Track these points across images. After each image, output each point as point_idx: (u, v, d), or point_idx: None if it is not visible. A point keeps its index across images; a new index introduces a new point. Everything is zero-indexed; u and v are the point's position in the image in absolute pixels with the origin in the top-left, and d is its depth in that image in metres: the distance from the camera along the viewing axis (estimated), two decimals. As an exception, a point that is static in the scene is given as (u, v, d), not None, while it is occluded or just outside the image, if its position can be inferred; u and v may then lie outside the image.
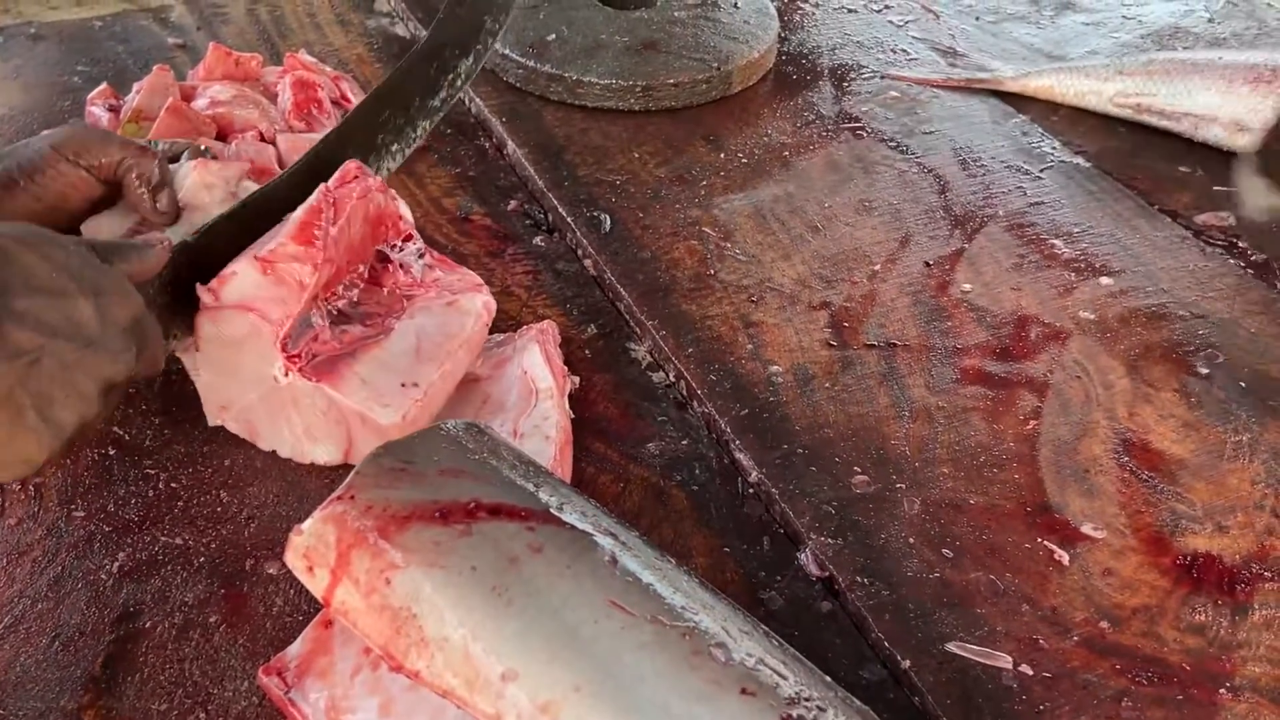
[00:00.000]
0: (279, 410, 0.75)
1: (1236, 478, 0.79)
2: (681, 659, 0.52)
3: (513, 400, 0.78)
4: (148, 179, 0.76)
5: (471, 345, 0.79)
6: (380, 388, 0.73)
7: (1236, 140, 1.11)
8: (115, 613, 0.67)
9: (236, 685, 0.64)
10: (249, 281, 0.73)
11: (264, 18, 1.30)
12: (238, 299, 0.73)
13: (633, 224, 0.99)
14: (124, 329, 0.63)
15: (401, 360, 0.75)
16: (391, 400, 0.73)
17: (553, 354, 0.82)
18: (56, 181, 0.74)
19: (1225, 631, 0.69)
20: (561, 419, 0.77)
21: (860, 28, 1.34)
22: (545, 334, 0.83)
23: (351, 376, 0.73)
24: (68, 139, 0.75)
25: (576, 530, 0.58)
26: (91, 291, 0.61)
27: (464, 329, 0.78)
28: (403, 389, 0.73)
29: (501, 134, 1.10)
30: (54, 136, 0.75)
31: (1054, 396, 0.84)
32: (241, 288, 0.73)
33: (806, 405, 0.83)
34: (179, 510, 0.73)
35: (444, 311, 0.79)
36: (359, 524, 0.57)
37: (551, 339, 0.83)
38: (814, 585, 0.72)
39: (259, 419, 0.76)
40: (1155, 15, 1.42)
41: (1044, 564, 0.72)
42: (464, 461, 0.61)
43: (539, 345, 0.81)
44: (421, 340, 0.76)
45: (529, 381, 0.79)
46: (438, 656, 0.54)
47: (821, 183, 1.06)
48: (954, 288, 0.94)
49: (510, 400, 0.78)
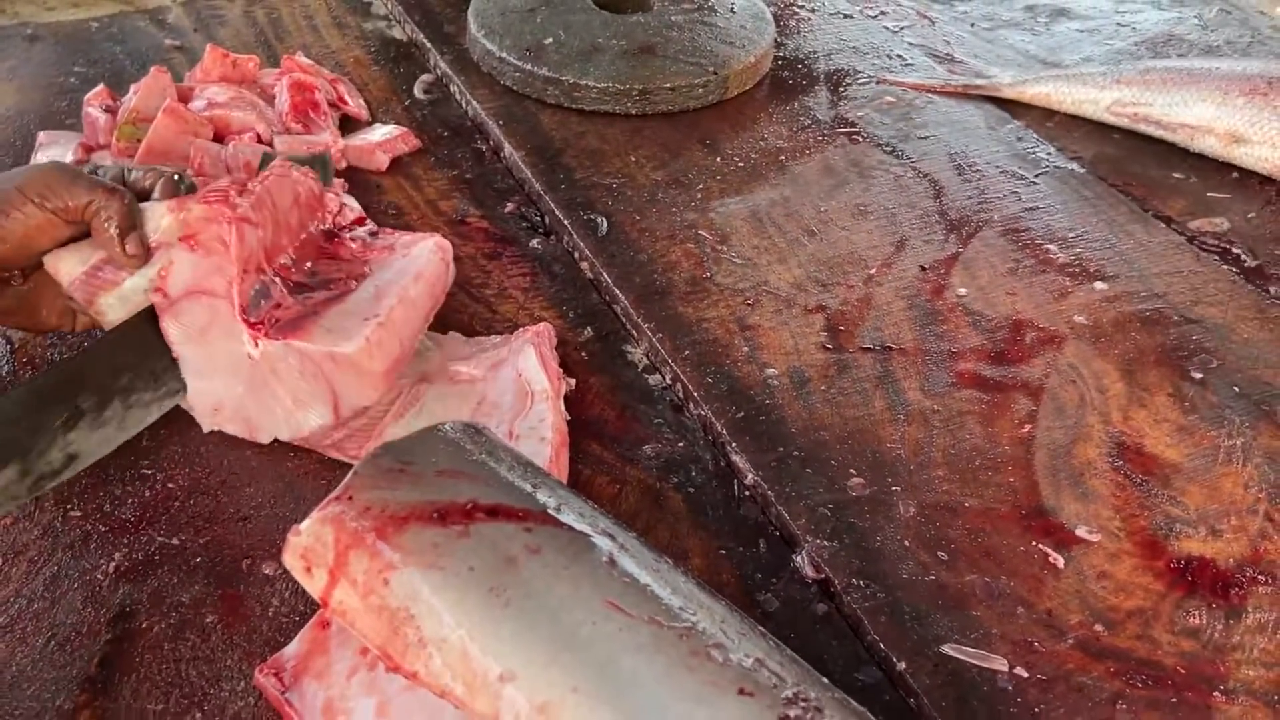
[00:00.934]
0: (263, 388, 0.75)
1: (1230, 482, 0.79)
2: (679, 660, 0.52)
3: (508, 402, 0.78)
4: (116, 223, 0.74)
5: (429, 278, 0.81)
6: (345, 329, 0.75)
7: (1232, 152, 1.11)
8: (111, 613, 0.67)
9: (233, 685, 0.64)
10: (186, 266, 0.74)
11: (261, 20, 1.30)
12: (184, 288, 0.74)
13: (629, 227, 1.00)
14: None
15: (363, 305, 0.77)
16: (354, 335, 0.74)
17: (548, 356, 0.82)
18: (21, 224, 0.72)
19: (1219, 635, 0.69)
20: (557, 421, 0.77)
21: (856, 33, 1.34)
22: (541, 336, 0.83)
23: (316, 328, 0.75)
24: (32, 180, 0.73)
25: (574, 531, 0.58)
26: None
27: (417, 263, 0.81)
28: (364, 322, 0.75)
29: (498, 137, 1.11)
30: (19, 177, 0.73)
31: (1049, 400, 0.85)
32: (182, 275, 0.74)
33: (802, 408, 0.83)
34: (175, 510, 0.73)
35: (400, 261, 0.82)
36: (357, 524, 0.57)
37: (547, 341, 0.83)
38: (810, 587, 0.72)
39: (250, 410, 0.76)
40: (1149, 23, 1.42)
41: (1039, 567, 0.73)
42: (462, 463, 0.61)
43: (534, 348, 0.81)
44: (379, 286, 0.79)
45: (524, 384, 0.79)
46: (435, 657, 0.54)
47: (817, 187, 1.07)
48: (949, 292, 0.94)
49: (506, 402, 0.78)
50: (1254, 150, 1.10)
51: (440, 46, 1.24)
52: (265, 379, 0.75)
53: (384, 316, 0.76)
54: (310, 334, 0.74)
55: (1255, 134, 1.09)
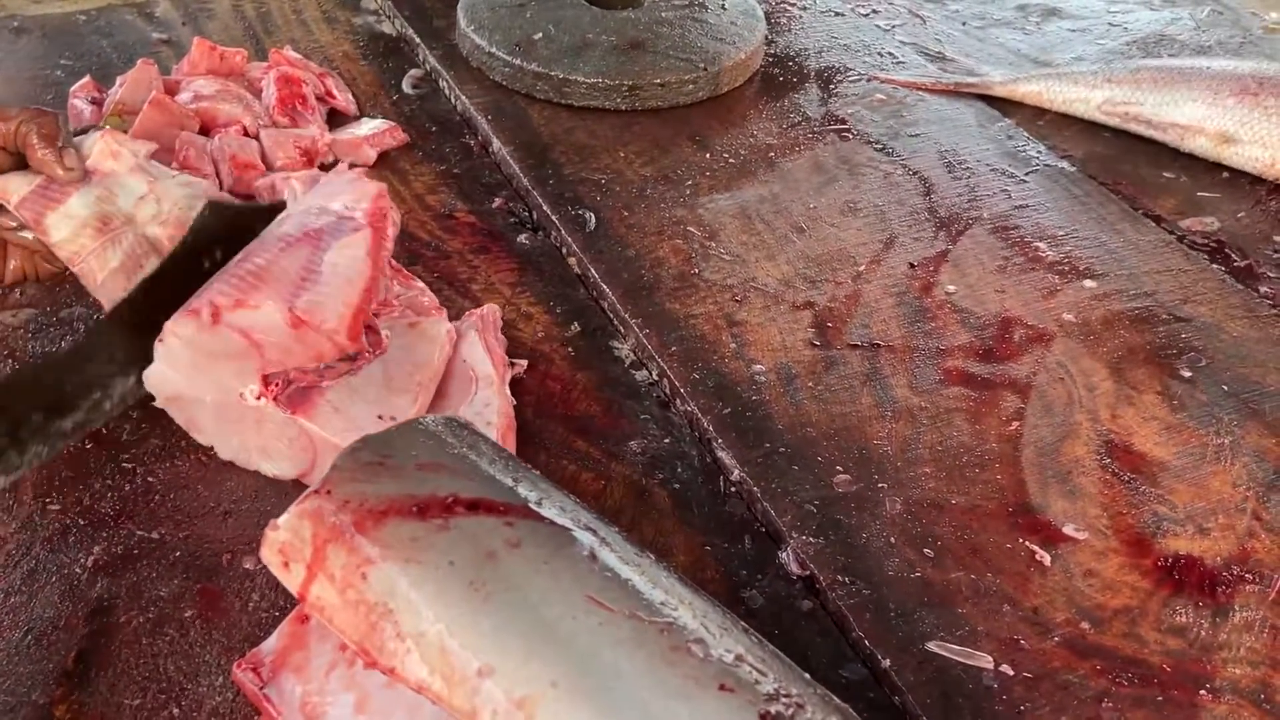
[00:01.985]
0: (239, 423, 0.74)
1: (1218, 480, 0.79)
2: (659, 655, 0.51)
3: (453, 388, 0.78)
4: (49, 137, 0.75)
5: (438, 375, 0.78)
6: (354, 417, 0.72)
7: (1222, 151, 1.11)
8: (89, 607, 0.66)
9: (211, 681, 0.63)
10: (266, 322, 0.71)
11: (250, 14, 1.29)
12: (243, 327, 0.71)
13: (618, 223, 0.99)
14: None
15: (370, 387, 0.74)
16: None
17: (493, 342, 0.82)
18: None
19: (1206, 633, 0.69)
20: (503, 405, 0.77)
21: (847, 31, 1.34)
22: (485, 320, 0.83)
23: (323, 405, 0.72)
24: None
25: (555, 525, 0.57)
26: None
27: (431, 360, 0.77)
28: (380, 423, 0.72)
29: (487, 132, 1.10)
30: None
31: (1037, 398, 0.84)
32: (252, 322, 0.71)
33: (789, 404, 0.82)
34: (155, 504, 0.72)
35: (406, 334, 0.78)
36: (335, 519, 0.56)
37: (492, 325, 0.83)
38: (795, 584, 0.72)
39: (207, 421, 0.75)
40: (1141, 22, 1.42)
41: (1025, 564, 0.72)
42: (442, 456, 0.60)
43: (478, 333, 0.81)
44: (389, 366, 0.76)
45: (468, 370, 0.79)
46: (414, 652, 0.53)
47: (807, 184, 1.06)
48: (938, 289, 0.94)
49: (450, 388, 0.78)
50: (1244, 150, 1.09)
51: (429, 41, 1.23)
52: (244, 419, 0.73)
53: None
54: (318, 411, 0.72)
55: (1245, 134, 1.09)
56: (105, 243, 0.78)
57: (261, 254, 0.75)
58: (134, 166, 0.82)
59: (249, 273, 0.73)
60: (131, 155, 0.82)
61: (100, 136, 0.81)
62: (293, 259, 0.75)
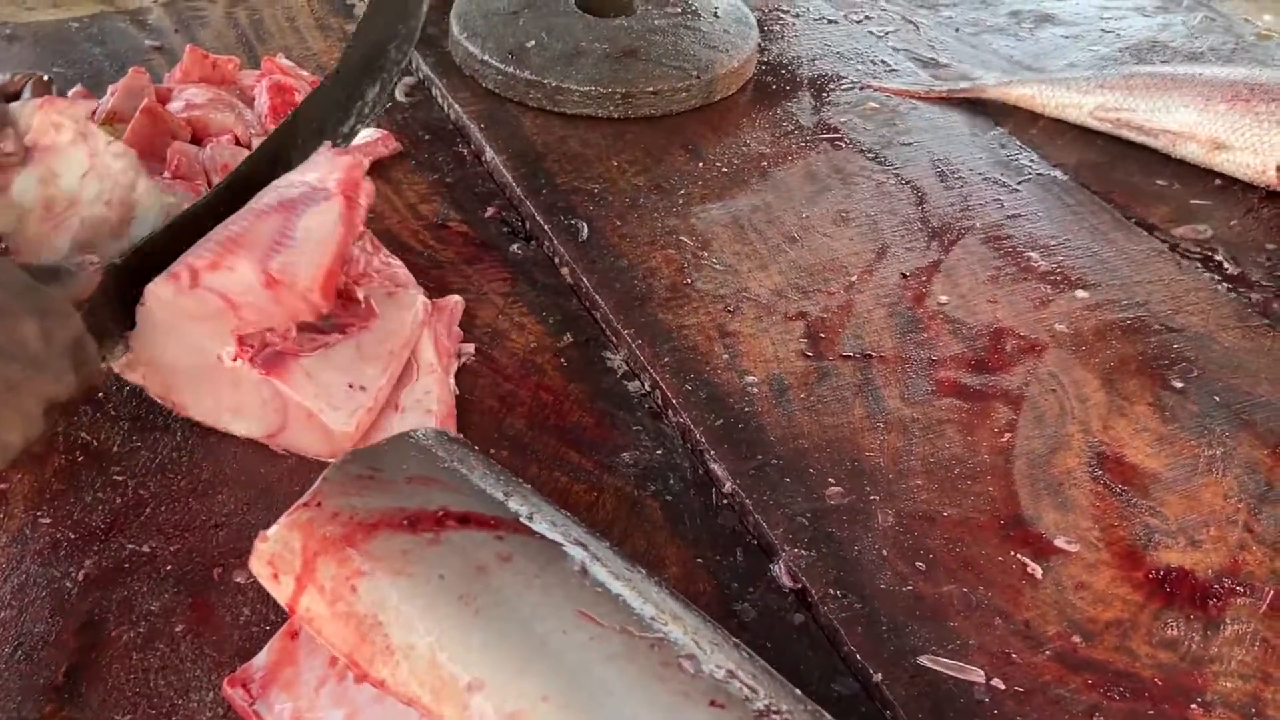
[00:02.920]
0: (209, 381, 0.76)
1: (1210, 492, 0.79)
2: (650, 670, 0.52)
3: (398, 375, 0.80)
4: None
5: (409, 345, 0.80)
6: (327, 385, 0.75)
7: (1214, 158, 1.11)
8: (79, 621, 0.66)
9: (201, 696, 0.63)
10: (241, 282, 0.74)
11: (243, 21, 1.29)
12: (219, 289, 0.74)
13: (610, 232, 0.99)
14: (65, 350, 0.62)
15: (343, 355, 0.77)
16: (341, 403, 0.75)
17: (441, 331, 0.83)
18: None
19: (1197, 646, 0.69)
20: (443, 394, 0.79)
21: (840, 38, 1.34)
22: (441, 309, 0.85)
23: (297, 369, 0.75)
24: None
25: (546, 540, 0.57)
26: (35, 312, 0.60)
27: (404, 329, 0.80)
28: (349, 390, 0.75)
29: (480, 140, 1.10)
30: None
31: (1029, 409, 0.84)
32: (228, 283, 0.74)
33: (782, 416, 0.82)
34: (146, 518, 0.72)
35: (383, 304, 0.81)
36: (325, 531, 0.56)
37: (447, 316, 0.85)
38: (787, 597, 0.72)
39: (179, 380, 0.76)
40: (1134, 29, 1.42)
41: (1017, 577, 0.72)
42: (433, 469, 0.60)
43: (425, 322, 0.83)
44: (362, 334, 0.79)
45: (412, 357, 0.81)
46: (403, 665, 0.53)
47: (799, 193, 1.06)
48: (930, 299, 0.94)
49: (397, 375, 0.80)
50: (1236, 156, 1.10)
51: (422, 49, 1.23)
52: (220, 379, 0.75)
53: (372, 398, 0.76)
54: (293, 376, 0.74)
55: (1237, 140, 1.09)
56: (51, 229, 0.78)
57: (238, 222, 0.77)
58: (74, 136, 0.81)
59: (226, 238, 0.76)
60: (72, 123, 0.81)
61: (38, 107, 0.79)
62: (268, 224, 0.77)
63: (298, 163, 0.84)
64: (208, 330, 0.75)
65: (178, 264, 0.74)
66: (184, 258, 0.74)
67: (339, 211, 0.79)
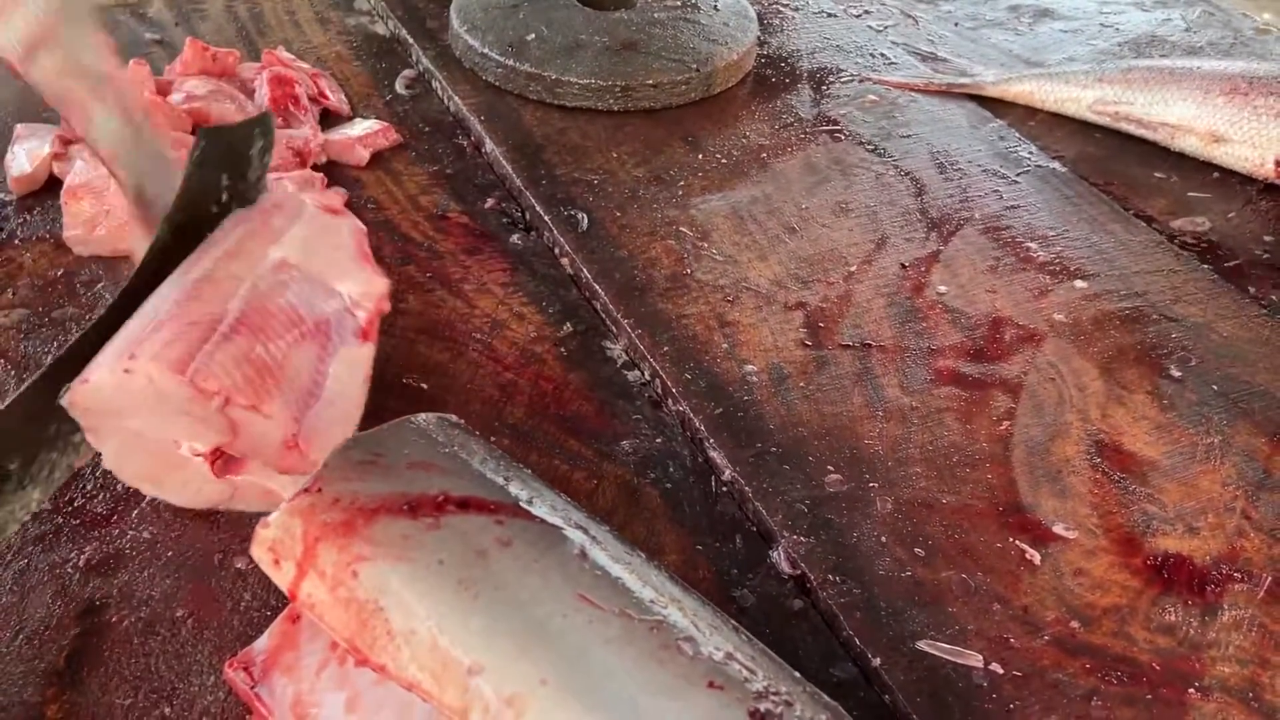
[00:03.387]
0: (151, 454, 0.69)
1: (1208, 479, 0.79)
2: (649, 652, 0.52)
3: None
4: None
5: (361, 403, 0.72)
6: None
7: (1212, 151, 1.12)
8: (80, 607, 0.66)
9: (202, 680, 0.63)
10: (264, 434, 0.65)
11: (243, 15, 1.29)
12: (239, 420, 0.65)
13: (610, 223, 0.99)
14: None
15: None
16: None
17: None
18: None
19: (1195, 632, 0.69)
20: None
21: (840, 32, 1.34)
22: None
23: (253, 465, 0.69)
24: None
25: (546, 524, 0.57)
26: None
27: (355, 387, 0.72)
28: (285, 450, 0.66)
29: (480, 132, 1.10)
30: None
31: (1027, 398, 0.85)
32: (249, 425, 0.65)
33: (781, 404, 0.82)
34: (147, 504, 0.72)
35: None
36: (326, 516, 0.56)
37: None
38: (786, 583, 0.72)
39: (115, 440, 0.68)
40: (1133, 23, 1.42)
41: (1015, 563, 0.72)
42: (433, 455, 0.61)
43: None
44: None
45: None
46: (404, 649, 0.53)
47: (799, 184, 1.06)
48: (929, 289, 0.94)
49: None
50: (1234, 149, 1.10)
51: (422, 42, 1.23)
52: (169, 459, 0.69)
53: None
54: (246, 470, 0.69)
55: (1235, 133, 1.09)
56: None
57: (276, 334, 0.68)
58: None
59: (263, 365, 0.66)
60: None
61: None
62: (304, 358, 0.68)
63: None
64: (184, 426, 0.66)
65: (205, 364, 0.63)
66: (211, 350, 0.64)
67: (366, 370, 0.71)
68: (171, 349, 0.64)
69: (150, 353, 0.63)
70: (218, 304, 0.67)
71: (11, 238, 0.93)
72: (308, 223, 0.75)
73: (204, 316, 0.66)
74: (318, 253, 0.73)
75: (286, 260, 0.72)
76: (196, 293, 0.68)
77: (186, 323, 0.66)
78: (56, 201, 0.93)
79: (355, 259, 0.75)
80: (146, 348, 0.64)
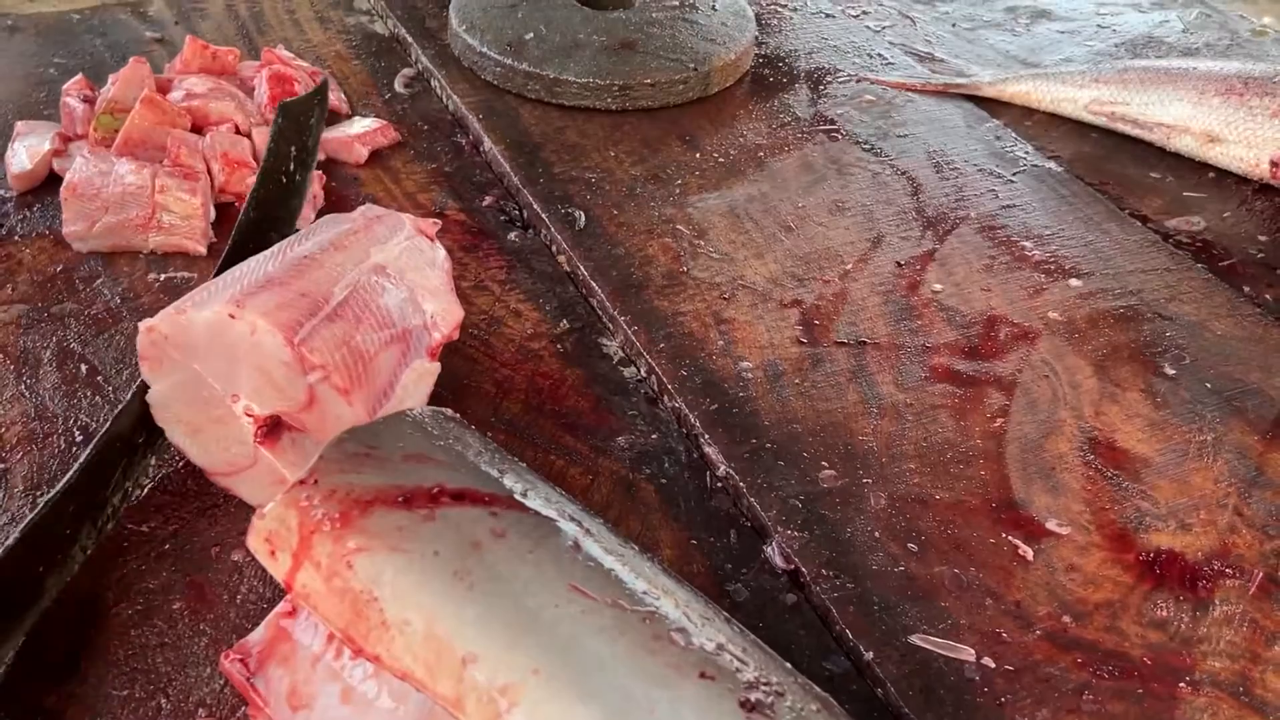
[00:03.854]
0: (201, 402, 0.70)
1: (1200, 476, 0.80)
2: (641, 643, 0.52)
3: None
4: None
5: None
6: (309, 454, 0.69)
7: (1208, 151, 1.12)
8: (79, 599, 0.67)
9: (199, 671, 0.63)
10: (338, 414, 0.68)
11: (243, 14, 1.30)
12: (321, 398, 0.68)
13: (607, 221, 1.00)
14: None
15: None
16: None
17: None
18: None
19: (1186, 627, 0.70)
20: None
21: (837, 32, 1.35)
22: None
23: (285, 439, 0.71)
24: None
25: (540, 516, 0.58)
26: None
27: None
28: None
29: (478, 131, 1.11)
30: None
31: (1021, 395, 0.85)
32: (327, 400, 0.67)
33: (776, 401, 0.83)
34: (144, 498, 0.73)
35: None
36: (322, 508, 0.56)
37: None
38: (780, 578, 0.72)
39: (177, 376, 0.70)
40: (1129, 24, 1.43)
41: (1008, 559, 0.73)
42: (429, 447, 0.61)
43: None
44: None
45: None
46: (398, 640, 0.54)
47: (795, 183, 1.07)
48: (925, 288, 0.95)
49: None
50: (1229, 150, 1.10)
51: (422, 41, 1.24)
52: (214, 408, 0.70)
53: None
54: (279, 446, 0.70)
55: (1231, 134, 1.10)
56: None
57: (372, 329, 0.71)
58: None
59: (359, 353, 0.69)
60: None
61: None
62: (388, 359, 0.71)
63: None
64: (250, 379, 0.68)
65: (317, 333, 0.67)
66: (320, 327, 0.67)
67: (428, 389, 0.74)
68: (283, 311, 0.67)
69: (260, 308, 0.66)
70: (325, 285, 0.71)
71: (11, 234, 0.94)
72: (406, 238, 0.79)
73: (312, 290, 0.70)
74: (412, 268, 0.77)
75: (384, 266, 0.75)
76: (301, 270, 0.71)
77: (296, 292, 0.69)
78: (56, 198, 0.93)
79: (444, 283, 0.79)
80: (255, 302, 0.67)
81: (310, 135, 0.94)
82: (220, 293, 0.69)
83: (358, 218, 0.79)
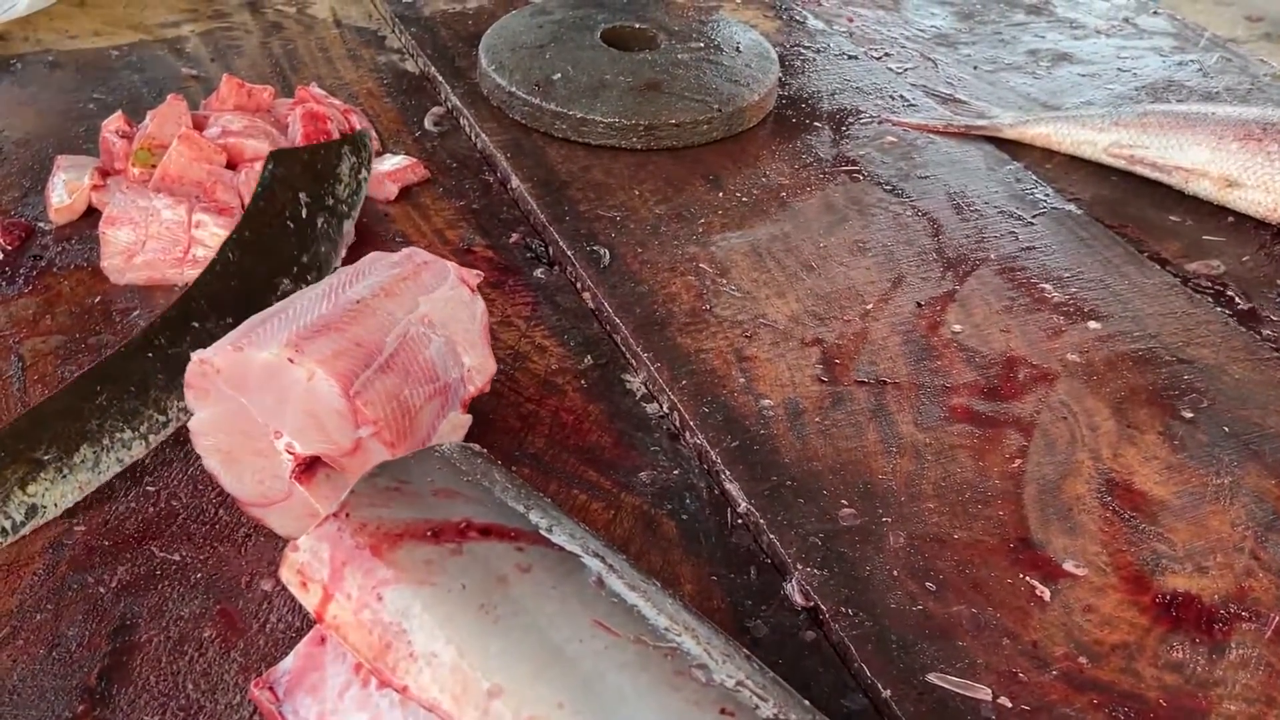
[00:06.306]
0: (241, 434, 0.72)
1: (1217, 520, 0.80)
2: (663, 679, 0.53)
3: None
4: None
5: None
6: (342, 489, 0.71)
7: (1226, 196, 1.13)
8: (112, 625, 0.68)
9: (229, 699, 0.65)
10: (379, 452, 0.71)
11: (277, 51, 1.32)
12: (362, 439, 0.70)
13: (631, 259, 1.01)
14: None
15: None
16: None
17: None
18: None
19: (1202, 670, 0.70)
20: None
21: (860, 74, 1.36)
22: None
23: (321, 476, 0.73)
24: None
25: (565, 551, 0.59)
26: None
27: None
28: None
29: (506, 169, 1.13)
30: None
31: (1040, 436, 0.86)
32: (375, 447, 0.71)
33: (796, 439, 0.84)
34: (178, 527, 0.75)
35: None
36: (352, 541, 0.58)
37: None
38: (799, 615, 0.73)
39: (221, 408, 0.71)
40: (1150, 68, 1.44)
41: (1025, 599, 0.74)
42: (457, 483, 0.62)
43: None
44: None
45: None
46: (425, 672, 0.55)
47: (817, 223, 1.08)
48: (944, 328, 0.96)
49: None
50: (1248, 194, 1.11)
51: (451, 80, 1.26)
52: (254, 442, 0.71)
53: None
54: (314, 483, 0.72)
55: (1249, 178, 1.11)
56: None
57: (418, 383, 0.74)
58: None
59: (406, 408, 0.72)
60: None
61: None
62: (429, 412, 0.75)
63: None
64: (294, 418, 0.70)
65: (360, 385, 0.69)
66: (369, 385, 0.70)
67: (467, 427, 0.78)
68: (339, 360, 0.69)
69: (318, 354, 0.69)
70: (377, 334, 0.73)
71: (51, 266, 0.96)
72: (450, 289, 0.80)
73: (366, 340, 0.72)
74: (453, 319, 0.79)
75: (430, 317, 0.77)
76: (355, 316, 0.73)
77: (351, 341, 0.71)
78: (94, 231, 0.96)
79: (482, 336, 0.81)
80: (313, 347, 0.69)
81: (341, 184, 0.95)
82: (276, 333, 0.71)
83: (404, 262, 0.81)
